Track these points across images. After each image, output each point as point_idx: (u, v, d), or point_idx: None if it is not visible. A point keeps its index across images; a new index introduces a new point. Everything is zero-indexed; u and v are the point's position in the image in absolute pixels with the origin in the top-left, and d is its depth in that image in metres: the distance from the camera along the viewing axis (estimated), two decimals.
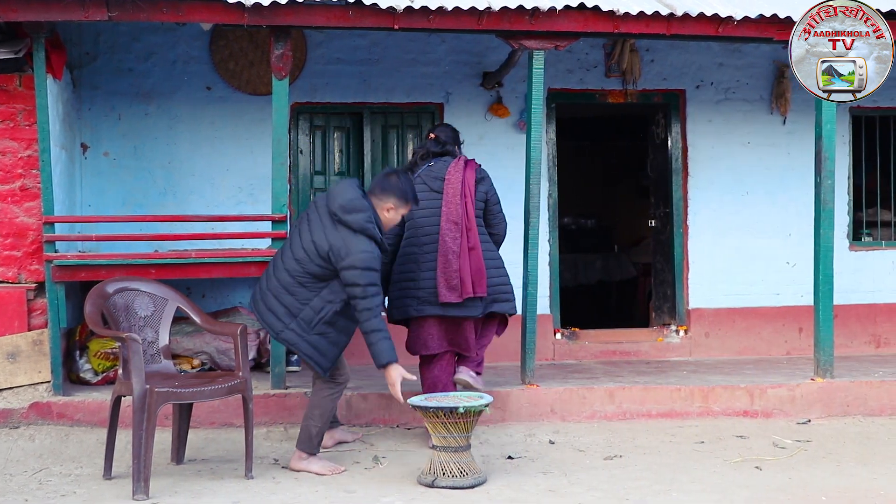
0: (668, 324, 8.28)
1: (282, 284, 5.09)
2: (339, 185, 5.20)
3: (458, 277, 5.59)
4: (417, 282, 5.65)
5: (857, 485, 4.98)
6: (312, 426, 5.21)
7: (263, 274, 5.29)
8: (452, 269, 5.59)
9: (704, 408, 6.48)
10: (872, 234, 8.57)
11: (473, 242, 5.68)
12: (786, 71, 8.09)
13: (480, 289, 5.63)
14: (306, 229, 5.11)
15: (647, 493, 4.81)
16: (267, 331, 5.19)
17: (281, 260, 5.16)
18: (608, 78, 8.10)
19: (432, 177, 5.79)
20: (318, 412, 5.22)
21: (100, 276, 5.99)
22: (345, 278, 4.96)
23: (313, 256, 5.01)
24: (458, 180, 5.73)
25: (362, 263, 4.93)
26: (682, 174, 8.21)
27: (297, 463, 5.24)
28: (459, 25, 6.23)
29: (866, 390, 6.65)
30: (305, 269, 5.04)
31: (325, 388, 5.26)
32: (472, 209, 5.73)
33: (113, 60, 7.49)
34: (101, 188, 7.45)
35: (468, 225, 5.69)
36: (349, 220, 4.99)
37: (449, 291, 5.59)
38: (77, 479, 5.12)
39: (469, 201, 5.73)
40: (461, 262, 5.61)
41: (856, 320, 8.28)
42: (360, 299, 4.96)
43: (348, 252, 4.94)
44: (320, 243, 5.00)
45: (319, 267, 5.01)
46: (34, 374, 6.26)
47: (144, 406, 4.75)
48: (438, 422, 4.90)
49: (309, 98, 7.74)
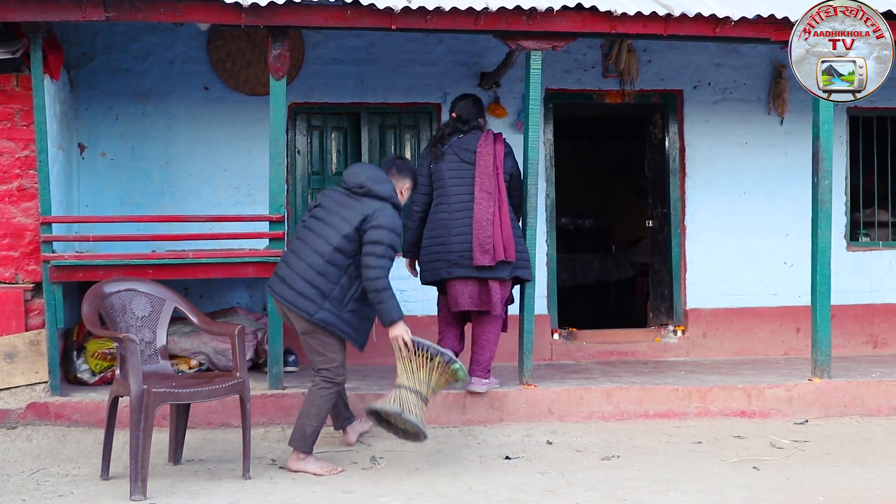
0: (666, 324, 8.28)
1: (312, 267, 5.23)
2: (355, 166, 5.59)
3: (490, 242, 6.04)
4: (448, 245, 6.11)
5: (854, 485, 4.99)
6: (308, 424, 5.24)
7: (283, 263, 5.39)
8: (486, 235, 6.05)
9: (702, 408, 6.48)
10: (870, 234, 8.57)
11: (504, 212, 6.14)
12: (783, 71, 8.09)
13: (510, 254, 6.10)
14: (328, 212, 5.35)
15: (645, 494, 4.82)
16: (299, 314, 5.25)
17: (306, 244, 5.30)
18: (605, 78, 8.10)
19: (463, 148, 6.25)
20: (315, 410, 5.26)
21: (97, 276, 5.98)
22: (369, 237, 5.18)
23: (344, 233, 5.22)
24: (489, 153, 6.21)
25: (390, 224, 5.23)
26: (680, 174, 8.21)
27: (294, 463, 5.26)
28: (457, 26, 6.23)
29: (864, 390, 6.65)
30: (336, 247, 5.21)
31: (324, 387, 5.30)
32: (503, 181, 6.22)
33: (110, 60, 7.48)
34: (99, 188, 7.45)
35: (500, 196, 6.16)
36: (379, 190, 5.31)
37: (482, 255, 6.04)
38: (74, 479, 5.11)
39: (500, 173, 6.21)
40: (494, 229, 6.06)
41: (853, 320, 8.28)
42: (378, 258, 5.17)
43: (379, 216, 5.23)
44: (351, 217, 5.25)
45: (349, 242, 5.22)
46: (31, 374, 6.25)
47: (142, 406, 4.75)
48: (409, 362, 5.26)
49: (306, 98, 7.74)
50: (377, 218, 5.21)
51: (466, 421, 6.26)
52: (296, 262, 5.29)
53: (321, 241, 5.25)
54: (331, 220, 5.30)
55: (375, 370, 7.29)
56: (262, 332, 6.94)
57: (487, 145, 6.22)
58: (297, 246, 5.35)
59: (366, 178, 5.34)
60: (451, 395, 6.29)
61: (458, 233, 6.10)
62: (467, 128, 6.29)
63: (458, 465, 5.42)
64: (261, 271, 6.33)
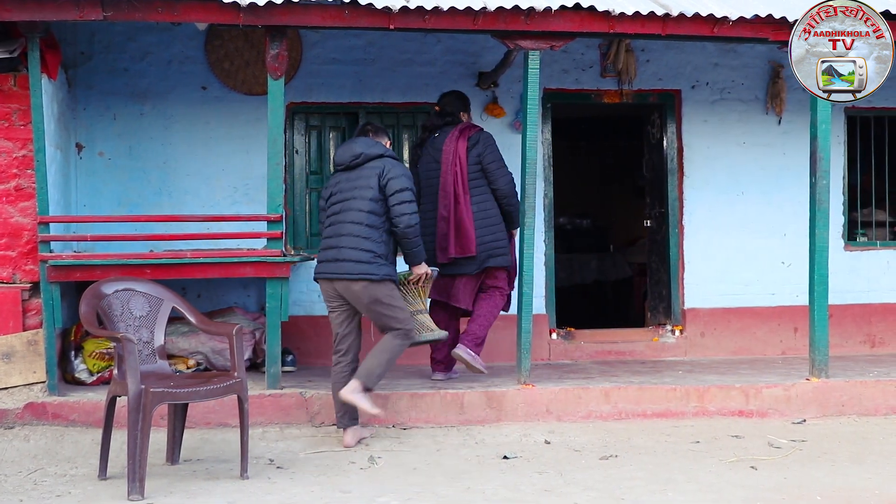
0: (664, 324, 8.28)
1: (356, 236, 5.70)
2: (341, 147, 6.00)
3: (447, 241, 6.43)
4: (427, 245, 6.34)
5: (852, 484, 4.99)
6: (377, 366, 5.69)
7: (326, 250, 5.80)
8: (441, 234, 6.46)
9: (700, 408, 6.49)
10: (867, 234, 8.57)
11: (461, 209, 6.42)
12: (781, 71, 8.10)
13: (468, 250, 6.40)
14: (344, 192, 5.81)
15: (643, 493, 4.82)
16: (365, 280, 5.66)
17: (342, 223, 5.76)
18: (604, 78, 8.10)
19: (435, 148, 6.60)
20: (388, 357, 5.72)
21: (95, 276, 5.98)
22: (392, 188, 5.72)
23: (370, 197, 5.72)
24: (450, 151, 6.50)
25: (402, 170, 5.82)
26: (678, 174, 8.21)
27: (350, 394, 5.62)
28: (455, 25, 6.23)
29: (861, 390, 6.66)
30: (369, 211, 5.72)
31: (402, 339, 5.77)
32: (462, 178, 6.47)
33: (108, 60, 7.48)
34: (97, 188, 7.44)
35: (456, 193, 6.43)
36: (375, 151, 5.84)
37: (440, 253, 6.46)
38: (72, 479, 5.11)
39: (459, 170, 6.47)
40: (449, 227, 6.42)
41: (851, 320, 8.29)
42: (408, 203, 5.74)
43: (389, 168, 5.78)
44: (368, 183, 5.74)
45: (377, 203, 5.73)
46: (29, 374, 6.24)
47: (140, 406, 4.75)
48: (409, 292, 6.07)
49: (304, 98, 7.74)
50: (390, 170, 5.76)
51: (464, 421, 6.26)
52: (340, 241, 5.74)
53: (354, 213, 5.74)
54: (351, 195, 5.78)
55: None
56: (260, 332, 6.94)
57: (451, 142, 6.52)
58: (333, 230, 5.81)
59: (359, 148, 5.85)
60: (448, 395, 6.29)
61: (428, 232, 6.44)
62: (443, 122, 6.61)
63: (455, 464, 5.42)
64: (259, 271, 6.33)
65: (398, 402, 6.25)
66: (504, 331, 7.52)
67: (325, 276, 5.81)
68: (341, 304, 5.82)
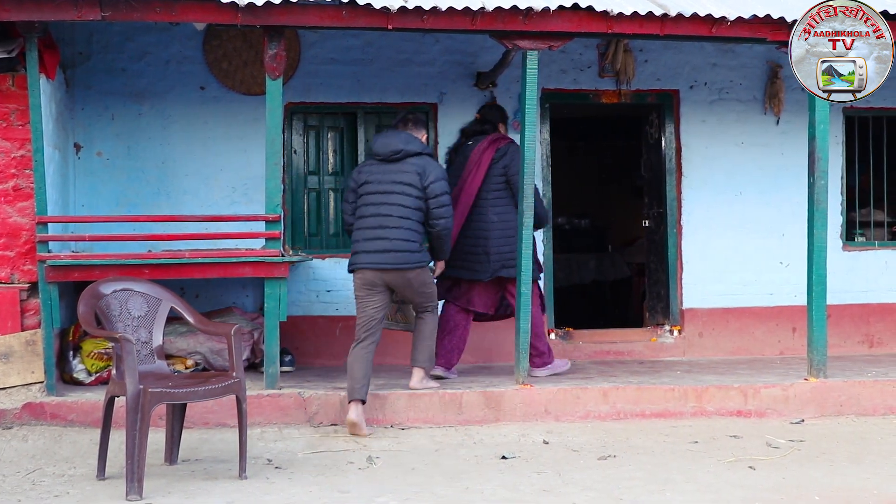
0: (662, 324, 8.29)
1: (406, 229, 6.10)
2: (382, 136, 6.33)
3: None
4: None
5: (850, 484, 4.99)
6: (430, 347, 6.37)
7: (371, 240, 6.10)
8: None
9: (698, 408, 6.49)
10: (865, 234, 8.58)
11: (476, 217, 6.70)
12: (779, 71, 8.10)
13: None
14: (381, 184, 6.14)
15: (641, 493, 4.82)
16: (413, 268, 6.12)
17: (387, 216, 6.10)
18: (602, 78, 8.10)
19: (464, 155, 6.85)
20: (433, 336, 6.37)
21: (93, 276, 5.98)
22: (433, 191, 6.14)
23: (415, 195, 6.12)
24: (475, 160, 6.73)
25: (441, 173, 6.24)
26: (676, 174, 8.21)
27: (419, 383, 6.35)
28: (453, 25, 6.23)
29: (859, 390, 6.66)
30: (414, 208, 6.12)
31: (433, 316, 6.38)
32: (473, 189, 6.68)
33: (106, 60, 7.47)
34: (95, 188, 7.44)
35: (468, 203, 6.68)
36: (415, 148, 6.19)
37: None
38: (70, 479, 5.11)
39: (475, 182, 6.69)
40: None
41: (849, 320, 8.29)
42: (447, 206, 6.20)
43: (430, 170, 6.18)
44: (409, 179, 6.13)
45: (419, 200, 6.15)
46: (27, 374, 6.24)
47: (138, 406, 4.75)
48: None
49: (303, 98, 7.73)
50: (431, 172, 6.17)
51: (463, 421, 6.26)
52: (388, 233, 6.09)
53: (399, 208, 6.11)
54: (392, 188, 6.14)
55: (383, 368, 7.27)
56: (259, 332, 6.94)
57: (478, 153, 6.73)
58: (377, 222, 6.12)
59: (400, 144, 6.18)
60: (446, 395, 6.29)
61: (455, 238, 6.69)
62: (483, 129, 6.83)
63: (454, 464, 5.42)
64: (257, 271, 6.33)
65: (396, 402, 6.25)
66: (502, 331, 7.52)
67: (373, 267, 6.09)
68: (382, 291, 6.15)
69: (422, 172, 6.13)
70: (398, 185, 6.12)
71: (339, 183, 7.93)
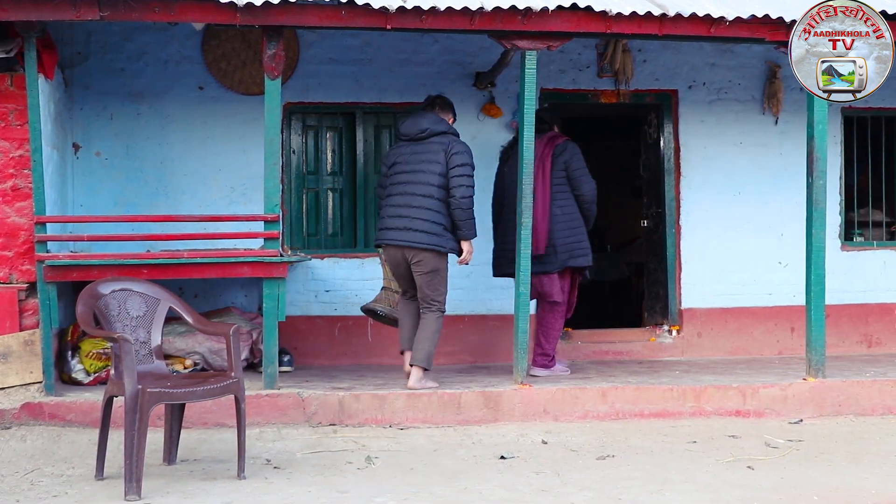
0: (661, 324, 8.29)
1: (429, 209, 6.33)
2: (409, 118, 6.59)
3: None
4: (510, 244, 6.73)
5: (849, 484, 5.00)
6: (430, 347, 6.39)
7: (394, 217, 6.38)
8: None
9: (697, 408, 6.49)
10: (864, 234, 8.58)
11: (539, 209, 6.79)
12: (778, 71, 8.11)
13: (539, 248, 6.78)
14: (409, 164, 6.40)
15: (640, 493, 4.82)
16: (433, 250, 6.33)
17: (412, 195, 6.34)
18: (600, 78, 8.11)
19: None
20: (434, 336, 6.41)
21: (92, 276, 5.97)
22: (454, 162, 6.32)
23: (439, 172, 6.33)
24: (536, 156, 6.77)
25: (464, 147, 6.45)
26: (675, 174, 8.22)
27: (417, 382, 6.35)
28: (452, 25, 6.23)
29: (858, 390, 6.66)
30: (438, 185, 6.33)
31: (439, 314, 6.44)
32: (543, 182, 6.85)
33: (105, 60, 7.47)
34: (93, 188, 7.44)
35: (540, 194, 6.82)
36: (441, 128, 6.45)
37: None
38: (69, 479, 5.10)
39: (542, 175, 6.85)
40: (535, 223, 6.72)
41: (847, 320, 8.30)
42: (466, 177, 6.33)
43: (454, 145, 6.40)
44: (435, 158, 6.35)
45: (443, 178, 6.35)
46: (26, 374, 6.24)
47: (137, 406, 4.74)
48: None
49: (301, 98, 7.73)
50: (453, 147, 6.37)
51: (461, 421, 6.26)
52: (412, 212, 6.33)
53: (424, 187, 6.34)
54: (418, 167, 6.38)
55: (370, 370, 7.30)
56: (257, 332, 6.94)
57: (538, 149, 6.83)
58: (403, 200, 6.38)
59: (426, 123, 6.44)
60: (445, 395, 6.29)
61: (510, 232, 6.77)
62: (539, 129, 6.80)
63: (453, 464, 5.42)
64: (256, 271, 6.33)
65: (395, 402, 6.25)
66: (501, 331, 7.52)
67: (395, 243, 6.38)
68: (408, 268, 6.43)
69: (447, 149, 6.35)
70: (424, 164, 6.36)
71: (337, 183, 7.93)
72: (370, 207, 7.87)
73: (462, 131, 7.65)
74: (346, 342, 7.65)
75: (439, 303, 6.44)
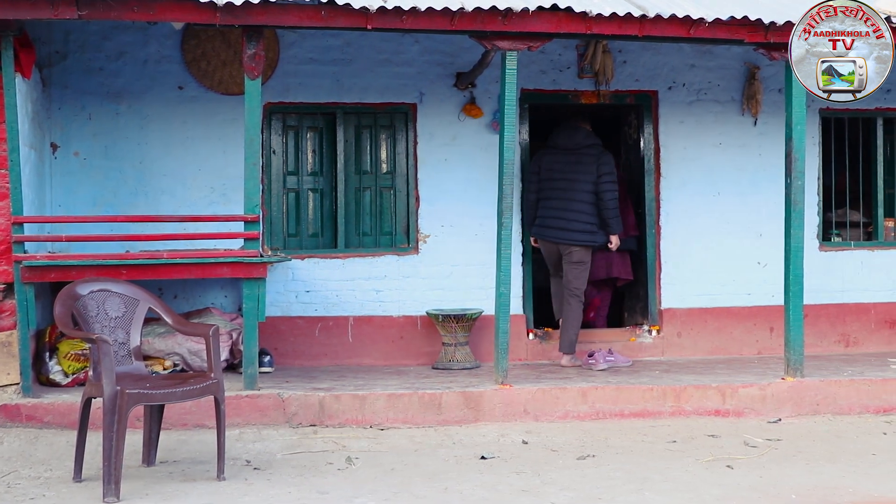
0: (641, 324, 8.31)
1: (584, 213, 7.48)
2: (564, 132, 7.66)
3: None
4: None
5: (826, 482, 5.03)
6: (574, 333, 7.54)
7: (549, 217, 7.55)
8: None
9: (676, 407, 6.52)
10: (842, 234, 8.63)
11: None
12: (757, 73, 8.15)
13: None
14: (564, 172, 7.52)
15: (620, 493, 4.84)
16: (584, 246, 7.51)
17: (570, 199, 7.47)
18: (581, 79, 8.13)
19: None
20: (576, 322, 7.54)
21: (70, 276, 5.93)
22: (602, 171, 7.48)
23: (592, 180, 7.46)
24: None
25: (609, 158, 7.61)
26: (655, 175, 8.24)
27: (568, 362, 7.52)
28: (432, 26, 6.23)
29: (836, 389, 6.71)
30: (591, 191, 7.46)
31: (579, 302, 7.54)
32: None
33: (83, 59, 7.42)
34: (72, 188, 7.38)
35: None
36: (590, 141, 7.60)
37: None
38: (47, 481, 5.07)
39: None
40: None
41: (825, 320, 8.35)
42: (612, 183, 7.51)
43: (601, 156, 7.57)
44: (588, 167, 7.47)
45: (594, 185, 7.49)
46: (3, 376, 6.18)
47: (115, 408, 4.72)
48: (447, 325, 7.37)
49: (282, 98, 7.71)
50: (601, 158, 7.53)
51: (442, 421, 6.26)
52: (568, 214, 7.48)
53: (580, 192, 7.46)
54: (573, 175, 7.49)
55: (350, 370, 7.29)
56: (238, 333, 6.92)
57: None
58: (558, 203, 7.52)
59: (580, 138, 7.58)
60: (426, 396, 6.29)
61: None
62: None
63: (433, 465, 5.42)
64: (236, 271, 6.31)
65: (375, 403, 6.24)
66: (482, 331, 7.53)
67: (552, 240, 7.57)
68: (559, 257, 7.61)
69: (598, 162, 7.47)
70: (580, 173, 7.47)
71: (318, 183, 7.91)
72: (350, 208, 7.86)
73: (442, 132, 7.72)
74: (327, 343, 7.63)
75: (579, 289, 7.51)
